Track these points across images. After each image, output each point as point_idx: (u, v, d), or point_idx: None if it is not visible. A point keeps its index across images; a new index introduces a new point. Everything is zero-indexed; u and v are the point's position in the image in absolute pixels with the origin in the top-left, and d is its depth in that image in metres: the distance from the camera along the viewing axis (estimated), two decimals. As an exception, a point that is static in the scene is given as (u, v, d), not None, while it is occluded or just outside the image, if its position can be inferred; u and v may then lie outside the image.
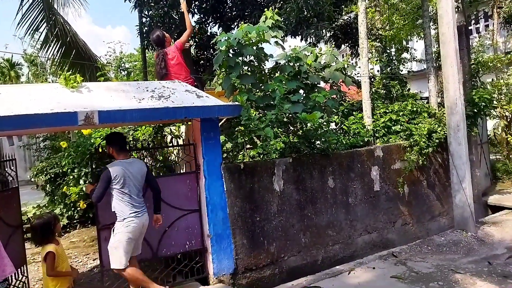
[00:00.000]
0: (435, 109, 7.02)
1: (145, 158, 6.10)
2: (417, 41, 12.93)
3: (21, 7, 8.00)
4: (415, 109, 6.79)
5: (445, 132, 6.31)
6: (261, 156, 5.25)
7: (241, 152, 5.40)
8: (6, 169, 4.42)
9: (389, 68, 7.99)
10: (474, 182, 6.91)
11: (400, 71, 8.14)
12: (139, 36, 8.95)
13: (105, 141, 4.15)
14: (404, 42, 11.37)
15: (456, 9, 7.58)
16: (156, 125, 5.89)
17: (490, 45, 12.87)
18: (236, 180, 4.64)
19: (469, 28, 14.21)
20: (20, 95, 3.75)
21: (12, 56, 27.31)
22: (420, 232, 6.42)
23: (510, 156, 10.24)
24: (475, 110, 6.81)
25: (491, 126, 11.64)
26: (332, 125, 6.66)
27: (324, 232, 5.34)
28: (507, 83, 10.44)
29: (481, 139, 8.52)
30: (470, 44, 9.53)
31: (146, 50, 9.63)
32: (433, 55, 7.47)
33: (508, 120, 10.51)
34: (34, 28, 8.22)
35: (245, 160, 5.08)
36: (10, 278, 3.88)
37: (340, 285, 4.56)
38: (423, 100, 7.96)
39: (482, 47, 11.23)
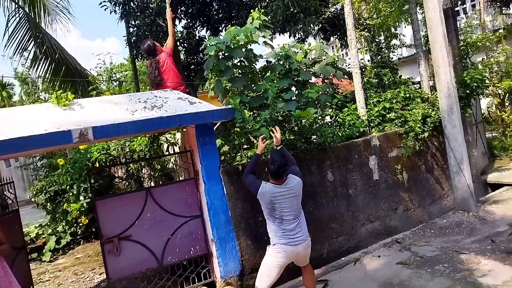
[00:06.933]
0: (428, 94, 7.03)
1: (143, 168, 6.13)
2: (405, 27, 12.90)
3: (7, 28, 8.01)
4: (408, 95, 6.80)
5: (439, 115, 6.33)
6: (259, 156, 5.26)
7: (239, 153, 5.41)
8: (5, 192, 4.45)
9: (379, 57, 7.99)
10: (472, 162, 6.94)
11: (390, 59, 8.15)
12: (127, 46, 8.95)
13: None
14: (393, 29, 11.38)
15: (441, -8, 7.57)
16: (151, 135, 5.92)
17: (478, 25, 12.87)
18: (236, 182, 4.66)
19: (456, 9, 14.20)
20: (14, 117, 3.77)
21: (2, 77, 27.25)
22: (423, 217, 6.46)
23: (506, 133, 10.29)
24: (468, 91, 6.81)
25: (485, 105, 11.68)
26: (327, 118, 6.67)
27: (327, 225, 5.37)
28: (497, 61, 10.48)
29: (476, 119, 8.55)
30: (458, 25, 9.54)
31: (136, 59, 9.64)
32: (422, 39, 7.48)
33: (501, 97, 10.56)
34: (22, 47, 8.23)
35: (243, 161, 5.10)
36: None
37: (347, 276, 4.60)
38: (415, 85, 7.97)
39: (470, 28, 11.23)
